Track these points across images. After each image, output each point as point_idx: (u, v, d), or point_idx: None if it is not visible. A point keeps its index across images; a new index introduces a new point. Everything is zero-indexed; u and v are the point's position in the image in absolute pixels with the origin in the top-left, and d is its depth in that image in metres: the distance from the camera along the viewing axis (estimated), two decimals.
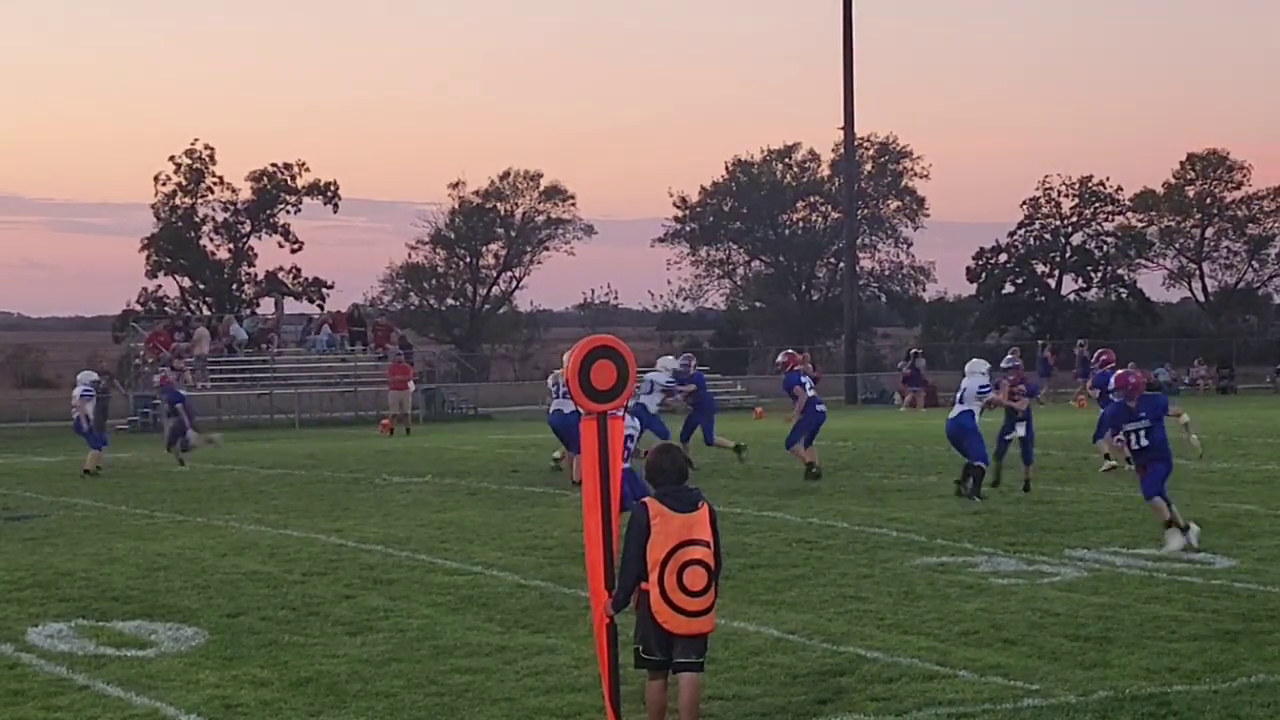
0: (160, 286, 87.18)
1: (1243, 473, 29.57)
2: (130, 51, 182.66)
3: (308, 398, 61.01)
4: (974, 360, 27.31)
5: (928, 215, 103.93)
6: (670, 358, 34.23)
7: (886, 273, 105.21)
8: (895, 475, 29.25)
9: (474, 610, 16.43)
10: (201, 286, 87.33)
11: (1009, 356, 31.18)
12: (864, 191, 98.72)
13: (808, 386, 29.79)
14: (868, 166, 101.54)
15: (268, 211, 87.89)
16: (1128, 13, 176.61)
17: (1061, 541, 20.50)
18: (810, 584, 17.60)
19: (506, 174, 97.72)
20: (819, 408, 30.04)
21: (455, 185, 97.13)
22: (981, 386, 26.37)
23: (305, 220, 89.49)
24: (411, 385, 55.16)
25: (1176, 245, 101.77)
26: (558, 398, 29.55)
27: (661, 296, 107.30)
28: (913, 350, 70.51)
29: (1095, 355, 31.98)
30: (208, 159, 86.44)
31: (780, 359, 31.16)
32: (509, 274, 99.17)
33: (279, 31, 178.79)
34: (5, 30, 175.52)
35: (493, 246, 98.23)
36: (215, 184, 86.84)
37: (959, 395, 26.66)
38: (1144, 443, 20.39)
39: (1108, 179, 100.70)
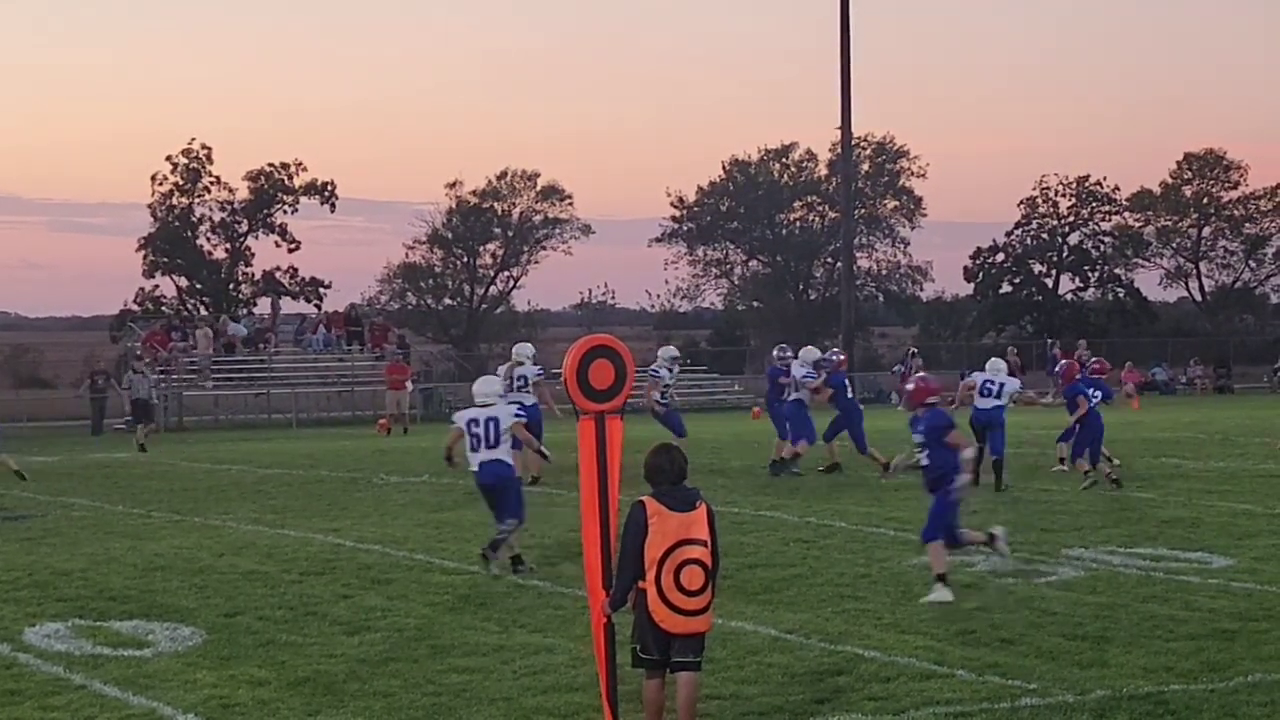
0: (157, 286, 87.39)
1: (1239, 472, 29.62)
2: (127, 52, 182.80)
3: (305, 397, 61.02)
4: (994, 360, 29.11)
5: (925, 215, 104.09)
6: (811, 348, 32.79)
7: (884, 272, 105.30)
8: (892, 474, 29.23)
9: (471, 610, 16.43)
10: (199, 286, 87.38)
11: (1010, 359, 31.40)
12: (861, 191, 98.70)
13: (847, 388, 31.27)
14: (865, 166, 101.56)
15: (265, 211, 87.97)
16: (1124, 13, 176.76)
17: (1059, 541, 20.50)
18: (808, 583, 17.60)
19: (504, 174, 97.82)
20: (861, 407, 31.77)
21: (452, 185, 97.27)
22: (1018, 388, 28.38)
23: (302, 220, 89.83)
24: (409, 385, 55.17)
25: (1173, 245, 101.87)
26: (512, 391, 29.51)
27: (659, 296, 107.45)
28: (910, 350, 70.59)
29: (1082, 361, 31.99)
30: (205, 159, 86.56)
31: (838, 358, 31.54)
32: (506, 274, 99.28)
33: (276, 31, 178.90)
34: (3, 30, 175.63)
35: (490, 246, 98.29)
36: (212, 184, 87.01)
37: (994, 389, 28.00)
38: (923, 462, 17.27)
39: (1105, 179, 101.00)
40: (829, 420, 30.75)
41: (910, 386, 17.85)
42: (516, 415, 29.43)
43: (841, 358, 32.11)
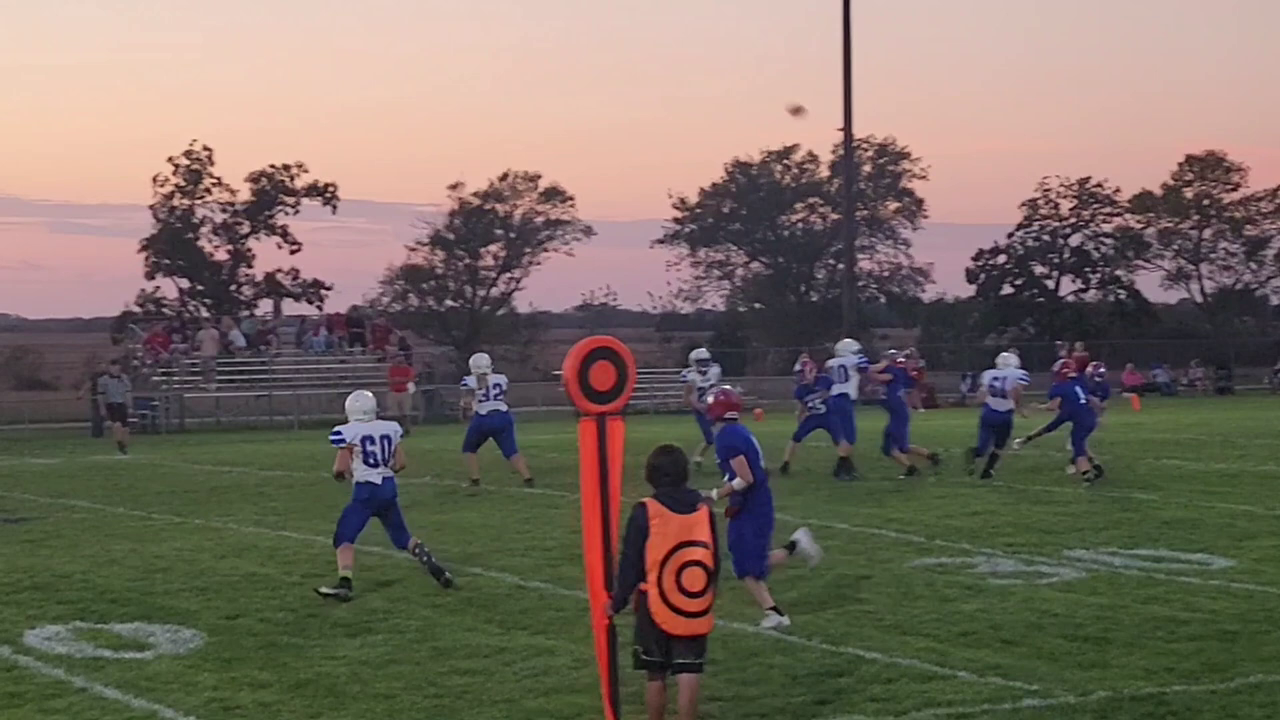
0: (159, 288, 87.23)
1: (1240, 473, 29.61)
2: (129, 52, 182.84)
3: (307, 399, 61.02)
4: (1004, 355, 29.89)
5: (926, 216, 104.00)
6: (850, 341, 32.76)
7: (885, 274, 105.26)
8: (894, 476, 29.25)
9: (473, 612, 16.43)
10: (200, 288, 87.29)
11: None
12: (863, 193, 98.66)
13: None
14: (866, 168, 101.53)
15: (266, 213, 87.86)
16: (1126, 14, 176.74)
17: (1060, 542, 20.51)
18: (809, 585, 17.60)
19: (505, 175, 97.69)
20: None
21: (454, 186, 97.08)
22: (1021, 379, 28.92)
23: (304, 221, 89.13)
24: (411, 387, 55.12)
25: (1174, 246, 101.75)
26: (489, 400, 29.73)
27: (661, 298, 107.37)
28: (906, 352, 70.59)
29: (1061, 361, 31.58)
30: (206, 160, 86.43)
31: (900, 357, 31.57)
32: (508, 275, 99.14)
33: (277, 33, 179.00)
34: (4, 31, 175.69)
35: (492, 248, 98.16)
36: (214, 185, 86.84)
37: (1000, 388, 28.71)
38: (736, 481, 15.61)
39: (1106, 180, 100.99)
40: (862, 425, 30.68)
41: (710, 399, 16.36)
42: (497, 421, 29.83)
43: (901, 359, 32.00)
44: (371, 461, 18.29)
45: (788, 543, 16.52)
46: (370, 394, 19.19)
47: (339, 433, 18.58)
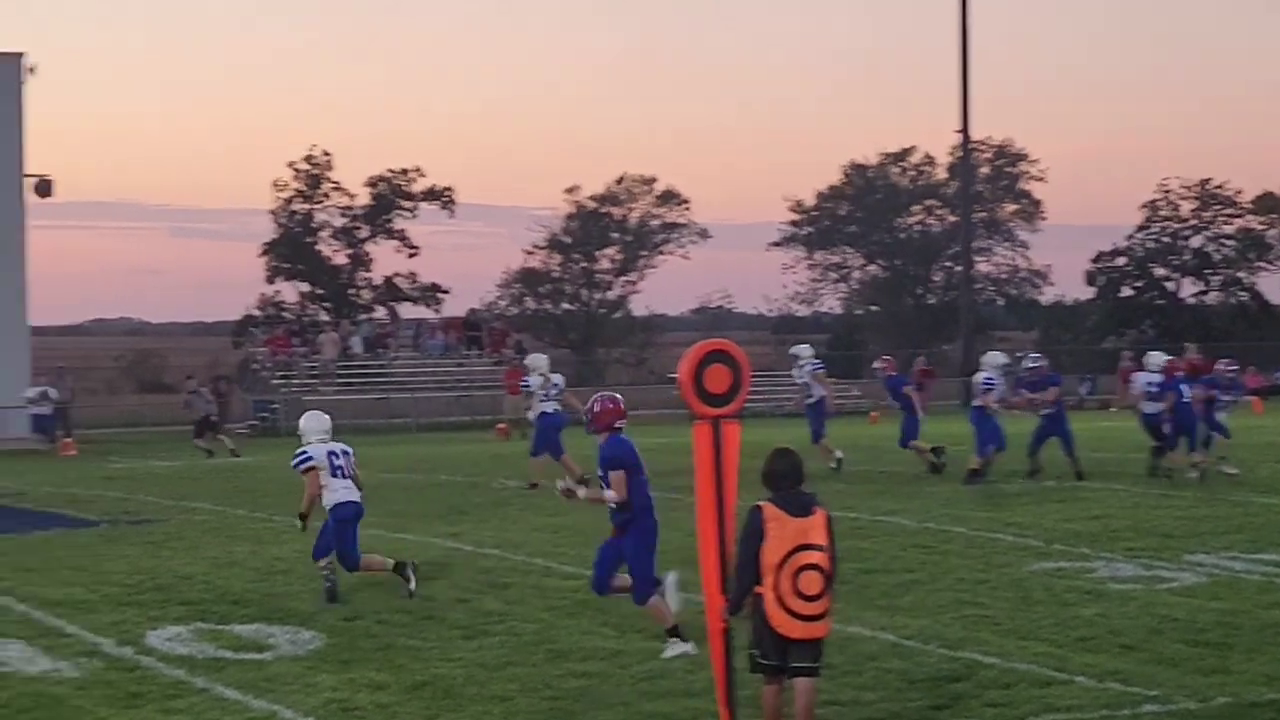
0: (279, 292, 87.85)
1: None
2: (248, 58, 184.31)
3: (424, 402, 61.33)
4: (1153, 356, 30.36)
5: (1045, 218, 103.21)
6: (998, 354, 32.10)
7: (1003, 276, 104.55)
8: (1012, 479, 29.06)
9: (589, 614, 16.46)
10: (319, 292, 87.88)
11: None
12: (980, 194, 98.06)
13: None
14: (984, 169, 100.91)
15: (384, 217, 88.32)
16: (1247, 11, 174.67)
17: (1180, 546, 20.30)
18: (926, 589, 17.53)
19: (621, 178, 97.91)
20: None
21: (570, 190, 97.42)
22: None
23: (421, 225, 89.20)
24: None
25: None
26: (549, 399, 30.09)
27: (777, 300, 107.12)
28: (1018, 354, 70.08)
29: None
30: (325, 165, 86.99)
31: (1041, 363, 31.24)
32: (624, 278, 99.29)
33: (396, 38, 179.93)
34: (123, 37, 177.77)
35: (608, 251, 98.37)
36: (333, 189, 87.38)
37: (1158, 392, 29.14)
38: (610, 497, 14.98)
39: (1227, 181, 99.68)
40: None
41: (597, 408, 15.09)
42: (561, 420, 30.23)
43: (1044, 363, 31.41)
44: (340, 475, 17.98)
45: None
46: (326, 415, 19.00)
47: (304, 453, 18.13)
